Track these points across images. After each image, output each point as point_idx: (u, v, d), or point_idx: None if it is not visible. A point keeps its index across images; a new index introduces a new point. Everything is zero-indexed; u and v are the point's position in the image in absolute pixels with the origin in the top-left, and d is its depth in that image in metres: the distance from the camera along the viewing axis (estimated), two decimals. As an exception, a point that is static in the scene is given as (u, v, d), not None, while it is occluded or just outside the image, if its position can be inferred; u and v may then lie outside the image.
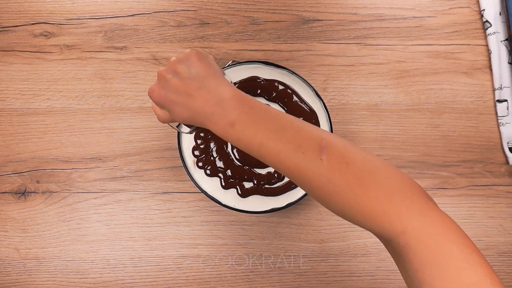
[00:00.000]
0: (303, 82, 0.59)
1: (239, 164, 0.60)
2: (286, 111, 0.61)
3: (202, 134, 0.60)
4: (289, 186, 0.58)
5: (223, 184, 0.59)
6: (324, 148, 0.38)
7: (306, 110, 0.60)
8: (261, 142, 0.39)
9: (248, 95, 0.42)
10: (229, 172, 0.59)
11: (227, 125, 0.40)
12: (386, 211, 0.35)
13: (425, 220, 0.34)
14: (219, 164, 0.60)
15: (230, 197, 0.59)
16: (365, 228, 0.37)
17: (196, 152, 0.59)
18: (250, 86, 0.60)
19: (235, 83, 0.60)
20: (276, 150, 0.39)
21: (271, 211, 0.57)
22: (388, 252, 0.61)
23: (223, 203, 0.58)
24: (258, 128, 0.40)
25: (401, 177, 0.37)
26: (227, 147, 0.60)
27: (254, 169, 0.60)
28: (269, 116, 0.40)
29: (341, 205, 0.37)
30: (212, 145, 0.60)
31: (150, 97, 0.46)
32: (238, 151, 0.60)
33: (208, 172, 0.59)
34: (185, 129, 0.50)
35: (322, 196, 0.38)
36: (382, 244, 0.61)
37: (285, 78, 0.60)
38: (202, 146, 0.60)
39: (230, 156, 0.60)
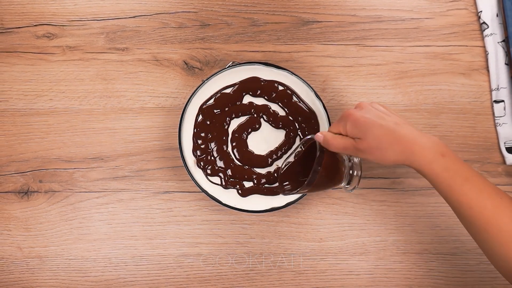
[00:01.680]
0: (303, 82, 0.60)
1: (239, 164, 0.61)
2: (286, 112, 0.61)
3: (202, 134, 0.60)
4: (289, 186, 0.59)
5: (224, 183, 0.60)
6: None
7: (305, 110, 0.61)
8: (470, 175, 0.45)
9: None
10: (229, 172, 0.60)
11: (438, 154, 0.45)
12: None
13: None
14: (220, 164, 0.60)
15: (231, 196, 0.59)
16: None
17: (197, 152, 0.60)
18: (250, 86, 0.61)
19: (235, 84, 0.61)
20: (481, 187, 0.45)
21: (271, 210, 0.58)
22: (386, 251, 0.62)
23: (223, 202, 0.58)
24: (464, 164, 0.46)
25: None
26: (227, 147, 0.61)
27: (254, 168, 0.61)
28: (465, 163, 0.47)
29: None
30: (212, 145, 0.61)
31: (347, 117, 0.48)
32: (239, 151, 0.61)
33: (208, 171, 0.60)
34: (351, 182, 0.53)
35: (503, 241, 0.43)
36: (380, 243, 0.62)
37: (284, 79, 0.61)
38: (202, 146, 0.60)
39: (230, 156, 0.61)
